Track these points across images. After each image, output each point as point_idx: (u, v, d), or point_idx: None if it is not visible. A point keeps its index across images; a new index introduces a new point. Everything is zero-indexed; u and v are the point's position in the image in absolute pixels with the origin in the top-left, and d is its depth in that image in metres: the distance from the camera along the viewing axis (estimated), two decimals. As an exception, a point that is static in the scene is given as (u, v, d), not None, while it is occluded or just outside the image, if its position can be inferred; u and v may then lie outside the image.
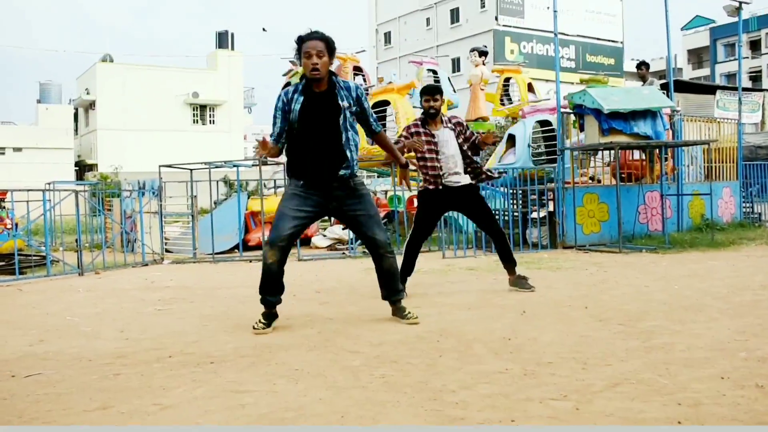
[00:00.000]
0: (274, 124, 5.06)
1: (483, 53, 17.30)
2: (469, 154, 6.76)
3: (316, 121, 4.98)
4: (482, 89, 16.74)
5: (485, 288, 7.12)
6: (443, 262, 9.74)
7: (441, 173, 6.67)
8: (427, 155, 6.67)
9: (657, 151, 12.31)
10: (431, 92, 6.74)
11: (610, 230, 11.61)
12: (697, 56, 64.93)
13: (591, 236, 11.58)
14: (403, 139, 6.67)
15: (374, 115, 5.38)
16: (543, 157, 13.15)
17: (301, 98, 5.00)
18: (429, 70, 16.80)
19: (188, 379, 3.79)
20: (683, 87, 19.77)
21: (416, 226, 6.80)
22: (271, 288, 5.13)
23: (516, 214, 11.68)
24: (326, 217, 12.95)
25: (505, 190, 11.96)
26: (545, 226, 11.79)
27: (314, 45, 4.92)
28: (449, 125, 6.78)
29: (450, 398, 3.33)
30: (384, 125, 12.82)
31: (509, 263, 6.97)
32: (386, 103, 13.34)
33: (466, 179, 6.75)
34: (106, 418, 3.14)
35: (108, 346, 4.78)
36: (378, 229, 5.27)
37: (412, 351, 4.36)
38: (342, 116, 5.00)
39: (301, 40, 5.00)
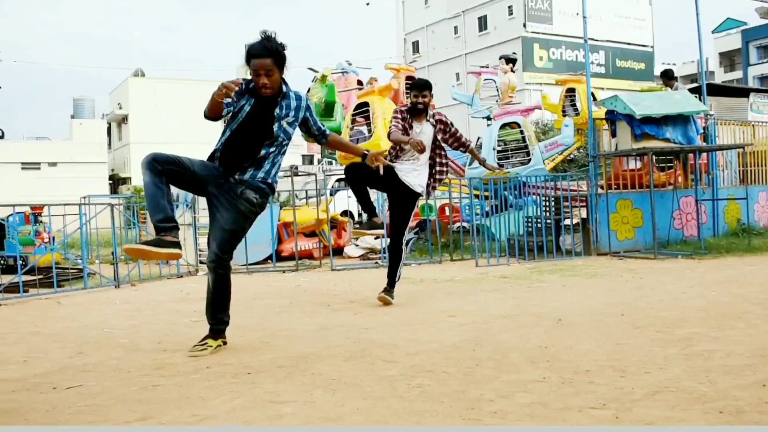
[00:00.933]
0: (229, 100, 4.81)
1: (510, 60, 17.30)
2: (443, 153, 6.93)
3: (252, 124, 4.84)
4: (511, 96, 16.75)
5: (520, 296, 7.09)
6: (477, 271, 9.71)
7: (400, 160, 6.81)
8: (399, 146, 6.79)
9: (690, 156, 12.20)
10: (420, 88, 6.88)
11: (644, 236, 11.51)
12: (729, 59, 64.17)
13: (625, 242, 11.48)
14: (401, 134, 6.66)
15: (319, 123, 5.26)
16: (510, 160, 13.17)
17: (252, 100, 4.88)
18: (487, 79, 16.99)
19: (226, 390, 3.82)
20: (715, 90, 19.55)
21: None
22: (156, 207, 4.68)
23: (549, 221, 11.62)
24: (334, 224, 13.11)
25: (537, 197, 11.91)
26: (578, 233, 11.72)
27: (262, 64, 4.75)
28: (431, 120, 6.90)
29: (488, 407, 3.32)
30: (368, 125, 12.85)
31: (391, 282, 6.93)
32: (367, 104, 13.38)
33: (415, 183, 6.81)
34: (145, 430, 3.17)
35: (146, 357, 4.83)
36: (215, 242, 4.94)
37: (448, 360, 4.35)
38: (275, 126, 4.85)
39: (248, 55, 4.80)
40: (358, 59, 16.71)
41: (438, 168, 6.91)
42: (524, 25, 47.18)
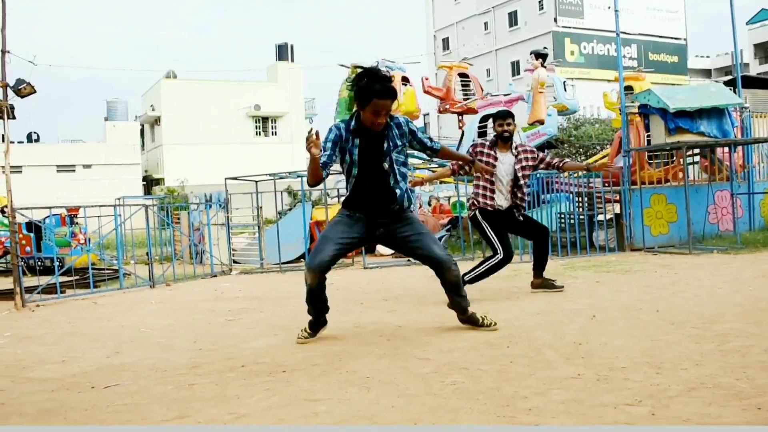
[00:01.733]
0: (323, 150, 4.77)
1: (540, 56, 17.21)
2: (523, 182, 6.95)
3: (370, 163, 4.92)
4: (540, 92, 16.67)
5: (553, 292, 7.05)
6: (509, 267, 9.64)
7: (490, 195, 6.88)
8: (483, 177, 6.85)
9: (725, 150, 12.05)
10: (504, 117, 6.92)
11: (679, 231, 11.40)
12: (763, 50, 63.18)
13: (659, 238, 11.39)
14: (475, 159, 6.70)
15: (429, 136, 5.33)
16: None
17: (357, 140, 4.90)
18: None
19: (261, 388, 3.84)
20: (750, 83, 19.28)
21: (498, 241, 6.84)
22: (316, 306, 5.09)
23: (582, 217, 11.54)
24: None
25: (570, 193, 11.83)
26: (612, 229, 11.64)
27: (385, 105, 4.77)
28: (514, 152, 6.92)
29: (523, 405, 3.31)
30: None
31: (540, 268, 7.20)
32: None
33: (506, 204, 6.92)
34: (182, 428, 3.20)
35: (182, 356, 4.88)
36: (435, 246, 5.09)
37: (482, 357, 4.35)
38: (389, 158, 4.92)
39: (372, 94, 4.73)
40: (389, 57, 16.59)
41: (518, 193, 6.93)
42: (555, 20, 46.82)
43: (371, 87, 4.72)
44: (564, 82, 16.66)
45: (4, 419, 3.49)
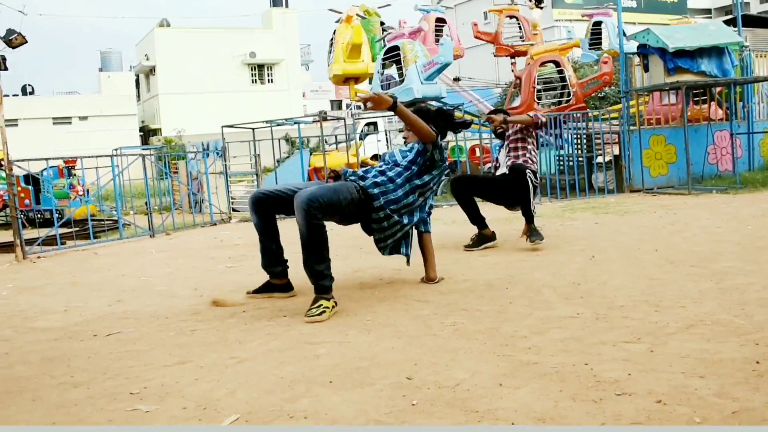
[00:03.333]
0: None
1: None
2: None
3: None
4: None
5: (552, 234, 7.05)
6: (508, 211, 9.66)
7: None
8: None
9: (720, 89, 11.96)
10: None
11: (678, 172, 11.38)
12: (764, -11, 62.38)
13: (659, 179, 11.38)
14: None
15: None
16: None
17: None
18: (596, 22, 16.96)
19: (263, 333, 3.87)
20: (751, 22, 19.08)
21: None
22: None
23: (581, 159, 11.51)
24: None
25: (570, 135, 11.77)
26: (611, 170, 11.61)
27: None
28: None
29: (522, 344, 3.33)
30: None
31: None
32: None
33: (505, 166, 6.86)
34: (186, 371, 3.23)
35: (183, 303, 4.90)
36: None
37: (481, 299, 4.37)
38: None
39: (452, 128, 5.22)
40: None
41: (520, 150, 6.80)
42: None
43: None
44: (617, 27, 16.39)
45: (9, 368, 3.52)
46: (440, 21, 16.08)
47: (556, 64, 13.26)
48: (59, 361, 3.59)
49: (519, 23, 16.79)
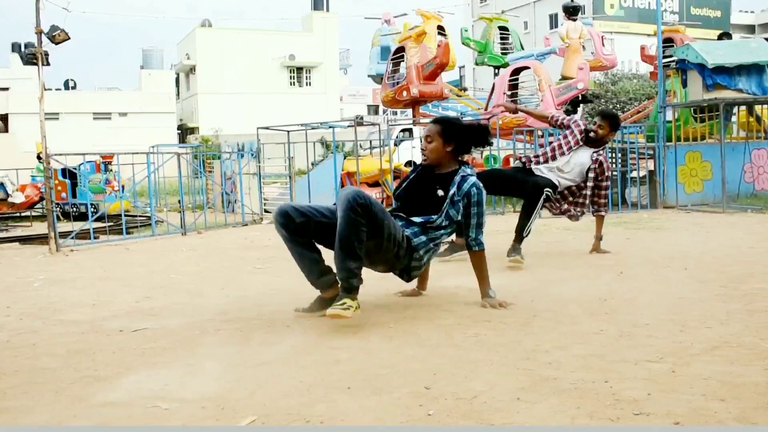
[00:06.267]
0: None
1: (567, 10, 17.05)
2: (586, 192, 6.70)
3: (415, 196, 4.61)
4: (568, 47, 16.55)
5: (581, 248, 7.02)
6: (538, 222, 9.61)
7: (543, 161, 6.69)
8: (552, 144, 6.77)
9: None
10: (602, 117, 6.76)
11: (713, 190, 11.26)
12: (811, 6, 61.42)
13: (693, 196, 11.26)
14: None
15: (478, 230, 4.60)
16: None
17: (417, 171, 4.75)
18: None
19: (285, 335, 3.89)
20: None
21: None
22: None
23: (615, 173, 11.43)
24: None
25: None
26: (645, 186, 11.52)
27: (428, 128, 4.64)
28: (594, 154, 6.64)
29: (543, 358, 3.32)
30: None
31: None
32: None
33: (550, 178, 6.60)
34: (207, 371, 3.26)
35: (210, 302, 4.95)
36: None
37: (505, 311, 4.35)
38: (443, 203, 4.48)
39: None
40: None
41: (579, 199, 6.73)
42: (595, -28, 45.78)
43: None
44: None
45: (35, 359, 3.58)
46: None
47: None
48: (84, 354, 3.64)
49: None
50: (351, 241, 3.94)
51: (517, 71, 13.47)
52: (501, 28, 17.05)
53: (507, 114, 10.98)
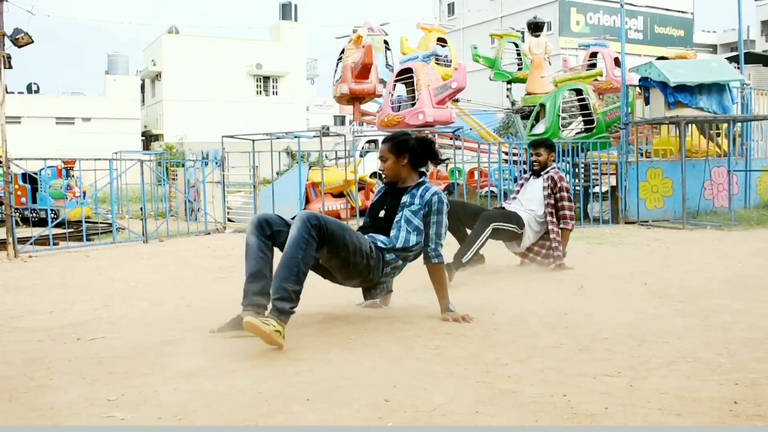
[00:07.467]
0: None
1: (530, 26, 17.35)
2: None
3: (378, 210, 4.74)
4: (534, 63, 16.82)
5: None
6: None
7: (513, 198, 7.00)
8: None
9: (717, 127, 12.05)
10: (534, 146, 6.99)
11: (674, 206, 11.42)
12: (771, 28, 62.67)
13: (654, 212, 11.40)
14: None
15: (437, 241, 4.77)
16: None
17: (383, 189, 4.89)
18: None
19: (246, 345, 3.86)
20: (755, 59, 19.19)
21: None
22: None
23: (578, 188, 11.54)
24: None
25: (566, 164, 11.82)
26: (607, 201, 11.65)
27: (380, 149, 4.75)
28: (544, 176, 6.84)
29: (502, 371, 3.33)
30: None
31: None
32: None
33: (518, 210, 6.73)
34: (165, 381, 3.22)
35: (169, 311, 4.90)
36: None
37: (466, 324, 4.36)
38: (399, 211, 4.60)
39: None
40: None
41: (542, 249, 6.76)
42: (561, -11, 46.26)
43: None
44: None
45: (-11, 367, 3.52)
46: (441, 40, 16.23)
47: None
48: (40, 362, 3.58)
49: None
50: (296, 260, 3.83)
51: (402, 72, 13.67)
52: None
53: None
